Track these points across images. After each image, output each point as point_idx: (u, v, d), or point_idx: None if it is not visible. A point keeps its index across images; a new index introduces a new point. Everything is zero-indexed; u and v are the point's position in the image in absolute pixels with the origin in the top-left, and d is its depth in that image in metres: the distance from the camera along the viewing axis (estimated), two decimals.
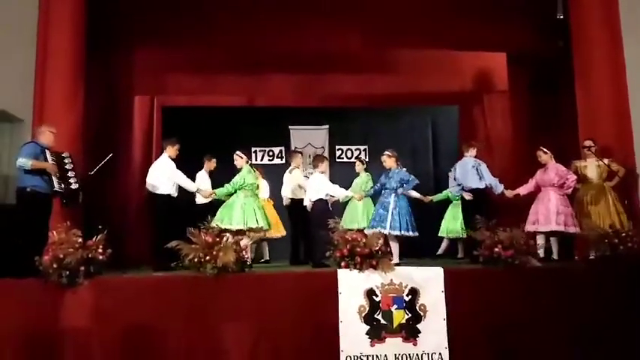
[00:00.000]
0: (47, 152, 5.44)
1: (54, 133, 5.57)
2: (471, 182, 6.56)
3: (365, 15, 7.91)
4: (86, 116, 6.88)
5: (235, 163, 6.77)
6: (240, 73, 8.84)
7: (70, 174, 5.57)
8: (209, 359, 4.90)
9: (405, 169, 6.65)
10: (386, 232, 6.14)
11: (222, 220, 6.35)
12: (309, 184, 6.86)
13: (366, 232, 5.94)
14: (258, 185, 7.09)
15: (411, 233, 6.29)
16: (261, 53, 8.51)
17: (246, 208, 6.46)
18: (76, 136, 6.52)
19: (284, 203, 7.63)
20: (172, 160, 6.54)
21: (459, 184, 6.80)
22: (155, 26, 7.78)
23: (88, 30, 6.83)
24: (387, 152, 6.64)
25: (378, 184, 6.71)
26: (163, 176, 6.39)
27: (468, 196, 6.63)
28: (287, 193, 7.47)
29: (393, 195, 6.37)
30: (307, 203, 6.87)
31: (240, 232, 6.29)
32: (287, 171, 7.64)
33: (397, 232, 6.19)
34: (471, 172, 6.58)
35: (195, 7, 7.74)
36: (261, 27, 7.88)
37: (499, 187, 6.56)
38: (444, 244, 8.35)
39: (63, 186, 5.48)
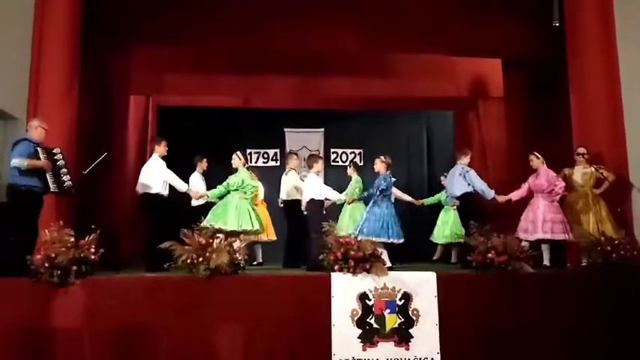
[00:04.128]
0: (39, 149, 5.40)
1: (45, 129, 5.53)
2: (456, 189, 6.58)
3: (362, 19, 7.92)
4: (81, 115, 6.86)
5: (232, 162, 6.73)
6: (237, 75, 8.86)
7: (62, 171, 5.52)
8: None
9: (391, 175, 6.47)
10: (367, 238, 5.86)
11: (216, 220, 6.33)
12: (306, 186, 6.85)
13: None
14: (257, 188, 7.08)
15: (392, 240, 6.08)
16: (257, 55, 8.53)
17: (240, 210, 6.43)
18: (70, 135, 6.49)
19: (279, 204, 7.61)
20: (163, 158, 6.54)
21: (448, 192, 6.86)
22: (152, 25, 7.76)
23: (84, 28, 6.81)
24: (381, 157, 6.60)
25: (371, 189, 6.67)
26: (155, 176, 6.37)
27: (455, 203, 6.67)
28: (282, 194, 7.46)
29: (372, 201, 6.31)
30: (304, 204, 6.86)
31: (233, 234, 6.26)
32: (284, 173, 7.63)
33: (371, 238, 5.93)
34: (457, 179, 6.60)
35: (193, 8, 7.73)
36: (258, 28, 7.87)
37: (490, 193, 6.54)
38: (439, 250, 8.35)
39: (57, 184, 5.45)
